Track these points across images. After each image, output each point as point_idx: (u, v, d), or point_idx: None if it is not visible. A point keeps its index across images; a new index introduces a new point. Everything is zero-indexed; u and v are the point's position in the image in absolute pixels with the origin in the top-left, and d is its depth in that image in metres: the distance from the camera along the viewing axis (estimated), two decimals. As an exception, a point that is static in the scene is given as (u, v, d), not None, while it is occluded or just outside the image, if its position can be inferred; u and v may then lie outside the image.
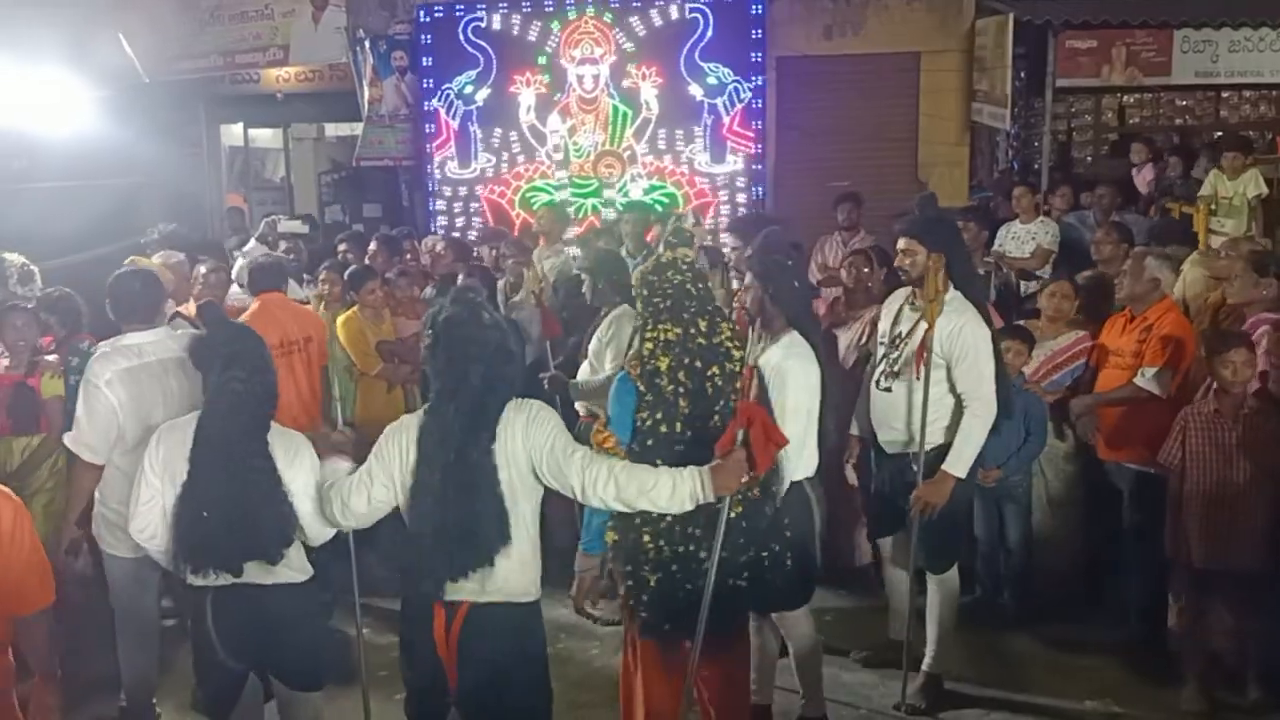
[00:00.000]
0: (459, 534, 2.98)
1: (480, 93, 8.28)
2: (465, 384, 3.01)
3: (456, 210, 8.58)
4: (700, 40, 7.83)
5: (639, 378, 3.40)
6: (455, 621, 3.06)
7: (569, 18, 8.04)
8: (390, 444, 3.12)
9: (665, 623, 3.43)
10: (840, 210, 7.59)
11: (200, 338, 3.71)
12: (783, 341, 3.96)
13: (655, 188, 8.04)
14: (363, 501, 3.14)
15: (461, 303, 3.13)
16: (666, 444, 3.34)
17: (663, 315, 3.42)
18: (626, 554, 3.40)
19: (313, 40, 9.71)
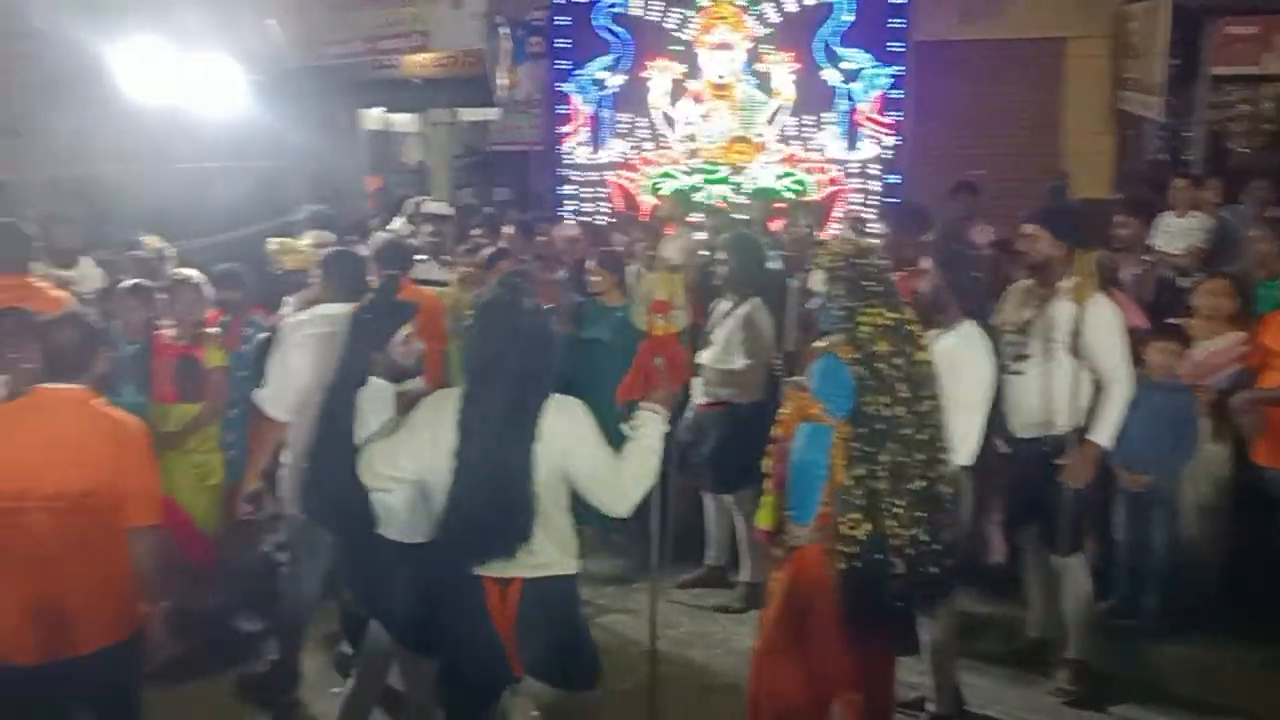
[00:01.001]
0: (495, 520, 3.10)
1: (614, 78, 8.33)
2: (500, 367, 3.12)
3: (585, 195, 8.66)
4: (838, 25, 7.70)
5: (857, 362, 3.39)
6: (510, 596, 3.19)
7: (705, 2, 8.01)
8: (426, 419, 3.22)
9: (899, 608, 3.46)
10: (957, 199, 7.42)
11: None
12: (959, 331, 3.98)
13: (786, 174, 7.96)
14: (386, 461, 3.24)
15: (505, 286, 3.26)
16: (894, 428, 3.37)
17: (875, 299, 3.43)
18: (876, 544, 3.37)
19: (452, 26, 9.92)
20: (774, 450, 3.60)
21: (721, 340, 5.34)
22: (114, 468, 3.35)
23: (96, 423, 3.40)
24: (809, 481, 3.39)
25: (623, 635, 5.08)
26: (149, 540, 3.43)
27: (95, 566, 3.37)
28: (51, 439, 3.33)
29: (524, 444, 3.12)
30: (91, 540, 3.36)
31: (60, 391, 3.42)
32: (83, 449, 3.34)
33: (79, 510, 3.31)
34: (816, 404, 3.39)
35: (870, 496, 3.36)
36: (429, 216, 8.34)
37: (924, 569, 3.40)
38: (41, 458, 3.29)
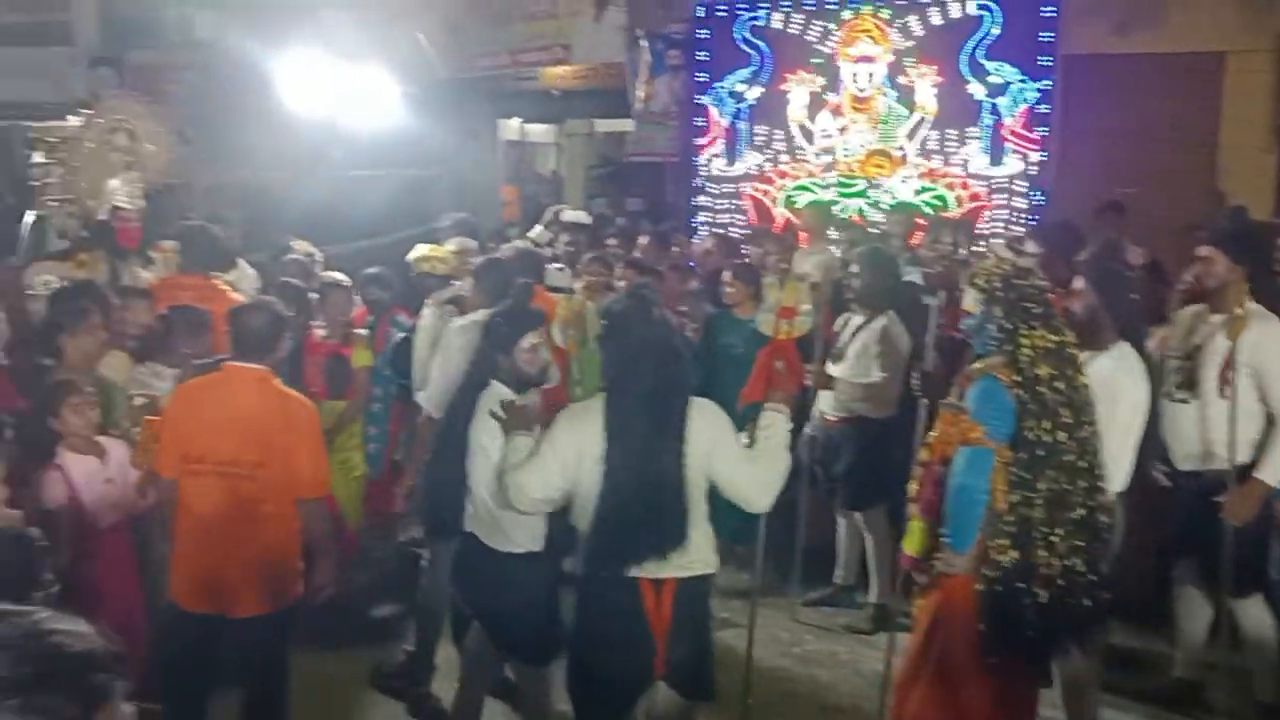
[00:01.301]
0: (650, 521, 3.20)
1: (751, 91, 8.34)
2: (639, 376, 3.24)
3: (720, 207, 8.68)
4: (985, 38, 7.54)
5: (1018, 385, 3.34)
6: (665, 596, 3.26)
7: (849, 15, 7.95)
8: (566, 433, 3.30)
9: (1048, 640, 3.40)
10: (1104, 218, 7.18)
11: None
12: (1113, 353, 3.90)
13: (926, 189, 7.83)
14: (538, 487, 3.30)
15: (634, 298, 3.43)
16: (1056, 454, 3.31)
17: (1036, 321, 3.38)
18: (1021, 572, 3.31)
19: (594, 39, 10.08)
20: (922, 474, 3.55)
21: (854, 354, 5.31)
22: (285, 443, 3.64)
23: (273, 400, 3.70)
24: (969, 507, 3.32)
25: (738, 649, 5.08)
26: (318, 511, 3.74)
27: (259, 536, 3.65)
28: (233, 412, 3.66)
29: (674, 447, 3.23)
30: (258, 510, 3.64)
31: (245, 370, 3.73)
32: (258, 423, 3.64)
33: (250, 480, 3.61)
34: (977, 427, 3.32)
35: (1022, 524, 3.29)
36: (567, 225, 8.52)
37: (1076, 600, 3.31)
38: (222, 428, 3.63)
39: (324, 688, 4.79)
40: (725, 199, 8.65)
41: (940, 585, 3.48)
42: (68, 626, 1.28)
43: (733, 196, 8.60)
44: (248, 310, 3.93)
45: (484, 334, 3.68)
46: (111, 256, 6.04)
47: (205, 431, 3.65)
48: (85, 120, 6.63)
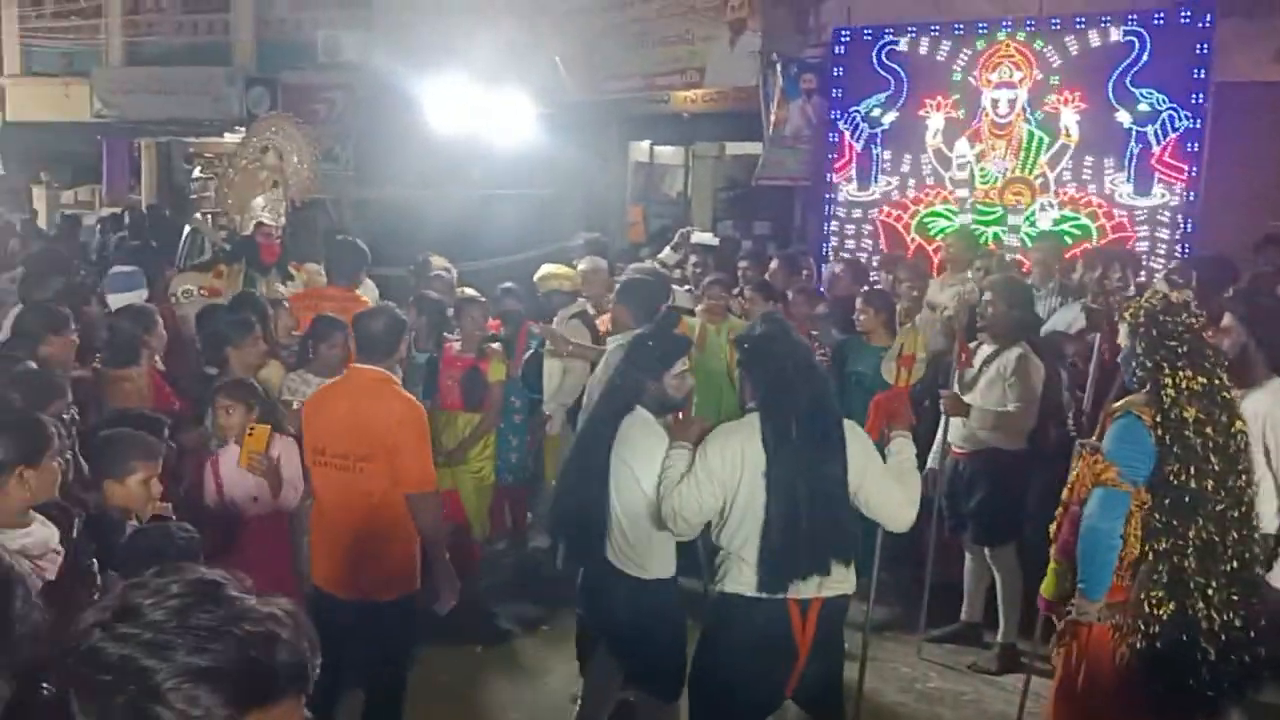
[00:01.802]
0: (819, 538, 3.24)
1: (887, 115, 8.24)
2: (792, 398, 3.29)
3: (849, 232, 8.60)
4: (1134, 64, 7.29)
5: (1160, 426, 3.24)
6: (810, 616, 3.29)
7: (991, 40, 7.80)
8: (721, 453, 3.32)
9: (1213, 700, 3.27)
10: (1263, 255, 6.85)
11: None
12: (1270, 388, 3.73)
13: (1067, 218, 7.60)
14: (695, 509, 3.32)
15: (769, 322, 3.52)
16: (1203, 503, 3.19)
17: (1181, 361, 3.26)
18: (1182, 626, 3.20)
19: (728, 63, 10.11)
20: (1062, 515, 3.46)
21: (985, 384, 5.19)
22: (392, 440, 3.82)
23: (384, 400, 3.91)
24: (1101, 552, 3.21)
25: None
26: (425, 504, 3.87)
27: (371, 526, 3.84)
28: (348, 409, 3.91)
29: (838, 464, 3.30)
30: (369, 501, 3.84)
31: (365, 371, 3.99)
32: (367, 420, 3.86)
33: (358, 472, 3.84)
34: (1111, 468, 3.22)
35: (1175, 573, 3.16)
36: (696, 247, 8.57)
37: (1235, 657, 3.18)
38: (338, 424, 3.91)
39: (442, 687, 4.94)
40: (855, 224, 8.55)
41: (1077, 633, 3.36)
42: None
43: (864, 222, 8.50)
44: (368, 316, 4.18)
45: (631, 358, 3.69)
46: (251, 270, 6.39)
47: (327, 428, 3.96)
48: (242, 139, 7.01)
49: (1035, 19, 7.79)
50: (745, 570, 3.33)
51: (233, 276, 6.25)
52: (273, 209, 6.68)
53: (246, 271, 6.31)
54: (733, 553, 3.37)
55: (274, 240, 6.56)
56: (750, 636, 3.33)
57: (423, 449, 3.91)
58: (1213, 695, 3.23)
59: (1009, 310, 5.23)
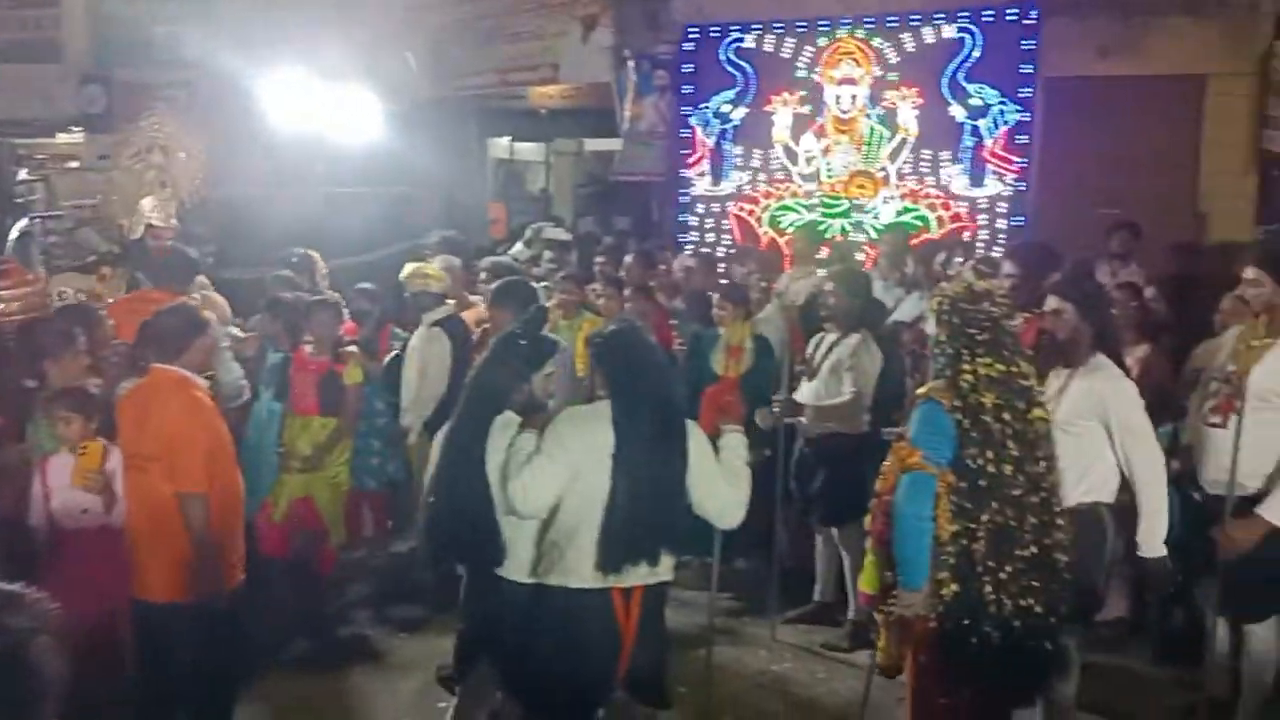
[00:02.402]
0: (659, 527, 3.31)
1: (737, 111, 8.40)
2: (641, 391, 3.34)
3: (705, 226, 8.72)
4: (966, 60, 7.61)
5: (959, 411, 3.31)
6: (633, 604, 3.32)
7: (832, 38, 8.02)
8: (572, 430, 3.35)
9: (1003, 683, 3.33)
10: (1114, 238, 7.26)
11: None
12: (1096, 365, 3.85)
13: (908, 210, 7.88)
14: (544, 484, 3.31)
15: (625, 323, 3.61)
16: (999, 487, 3.26)
17: (980, 348, 3.33)
18: (966, 607, 3.26)
19: (581, 59, 10.12)
20: (876, 505, 3.51)
21: (827, 370, 5.37)
22: (168, 440, 3.82)
23: (170, 400, 3.88)
24: (914, 537, 3.25)
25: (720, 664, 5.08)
26: (191, 505, 3.81)
27: (163, 526, 3.83)
28: (142, 409, 3.92)
29: (679, 457, 3.34)
30: (160, 501, 3.84)
31: (163, 371, 3.97)
32: (156, 420, 3.86)
33: (149, 473, 3.84)
34: (916, 452, 3.29)
35: (963, 556, 3.22)
36: (549, 242, 8.56)
37: (1037, 643, 3.25)
38: (134, 424, 3.93)
39: (299, 699, 4.82)
40: (711, 218, 8.68)
41: (907, 636, 3.40)
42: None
43: (718, 216, 8.63)
44: (160, 314, 4.11)
45: (500, 358, 3.60)
46: (133, 273, 6.03)
47: (126, 429, 4.00)
48: (122, 137, 6.59)
49: (875, 16, 8.05)
50: (574, 561, 3.33)
51: (116, 280, 5.90)
52: (162, 210, 6.34)
53: (133, 275, 5.94)
54: (562, 541, 3.36)
55: (165, 243, 6.20)
56: (577, 628, 3.34)
57: (193, 450, 3.85)
58: (1003, 680, 3.27)
59: (849, 299, 5.41)
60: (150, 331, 4.13)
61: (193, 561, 3.86)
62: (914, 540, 3.25)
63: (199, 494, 3.84)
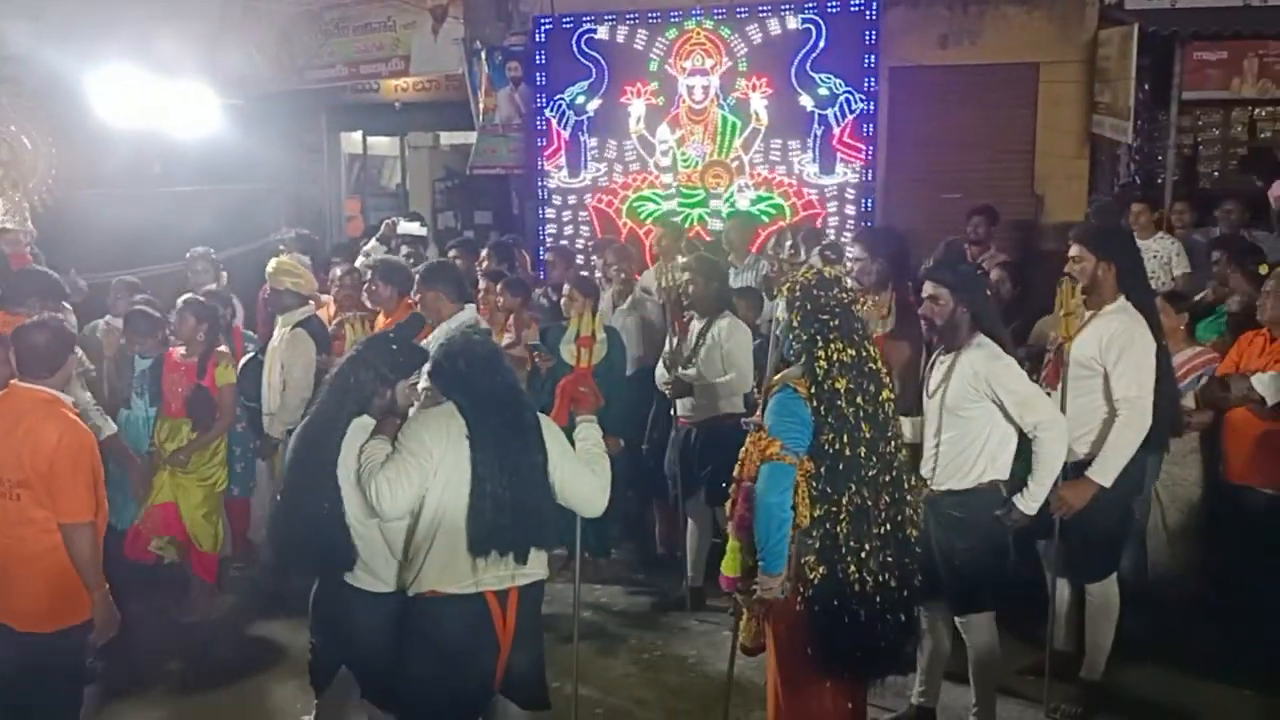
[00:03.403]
0: (524, 525, 3.28)
1: (591, 103, 8.37)
2: (482, 391, 3.32)
3: (565, 219, 8.68)
4: (812, 50, 7.76)
5: (815, 398, 3.35)
6: (510, 608, 3.31)
7: (682, 29, 8.07)
8: (427, 429, 3.30)
9: (870, 661, 3.43)
10: (971, 224, 7.52)
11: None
12: (977, 345, 3.95)
13: (762, 198, 8.01)
14: (406, 483, 3.25)
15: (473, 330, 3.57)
16: (855, 468, 3.32)
17: (832, 334, 3.39)
18: (833, 588, 3.32)
19: (432, 51, 9.95)
20: (735, 492, 3.54)
21: (703, 355, 5.49)
22: (45, 467, 3.61)
23: (42, 422, 3.66)
24: (775, 525, 3.29)
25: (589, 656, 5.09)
26: (77, 536, 3.66)
27: (28, 553, 3.66)
28: (9, 429, 3.67)
29: (537, 453, 3.33)
30: (26, 529, 3.66)
31: (26, 390, 3.75)
32: (27, 443, 3.63)
33: (15, 499, 3.65)
34: (775, 442, 3.32)
35: (828, 539, 3.30)
36: (404, 238, 8.39)
37: (894, 616, 3.36)
38: (2, 446, 3.67)
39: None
40: (570, 210, 8.65)
41: (769, 616, 3.47)
42: None
43: (577, 208, 8.61)
44: (29, 329, 3.88)
45: (367, 360, 3.51)
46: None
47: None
48: None
49: (724, 8, 8.14)
50: (443, 565, 3.28)
51: None
52: (15, 213, 5.69)
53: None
54: (429, 544, 3.30)
55: (23, 248, 5.66)
56: (452, 636, 3.28)
57: (77, 478, 3.66)
58: (868, 654, 3.38)
59: (707, 283, 5.53)
60: (17, 347, 3.85)
61: (70, 589, 3.69)
62: (775, 528, 3.29)
63: (86, 523, 3.67)
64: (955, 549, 3.97)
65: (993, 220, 7.61)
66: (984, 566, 4.01)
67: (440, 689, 3.30)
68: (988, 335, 3.97)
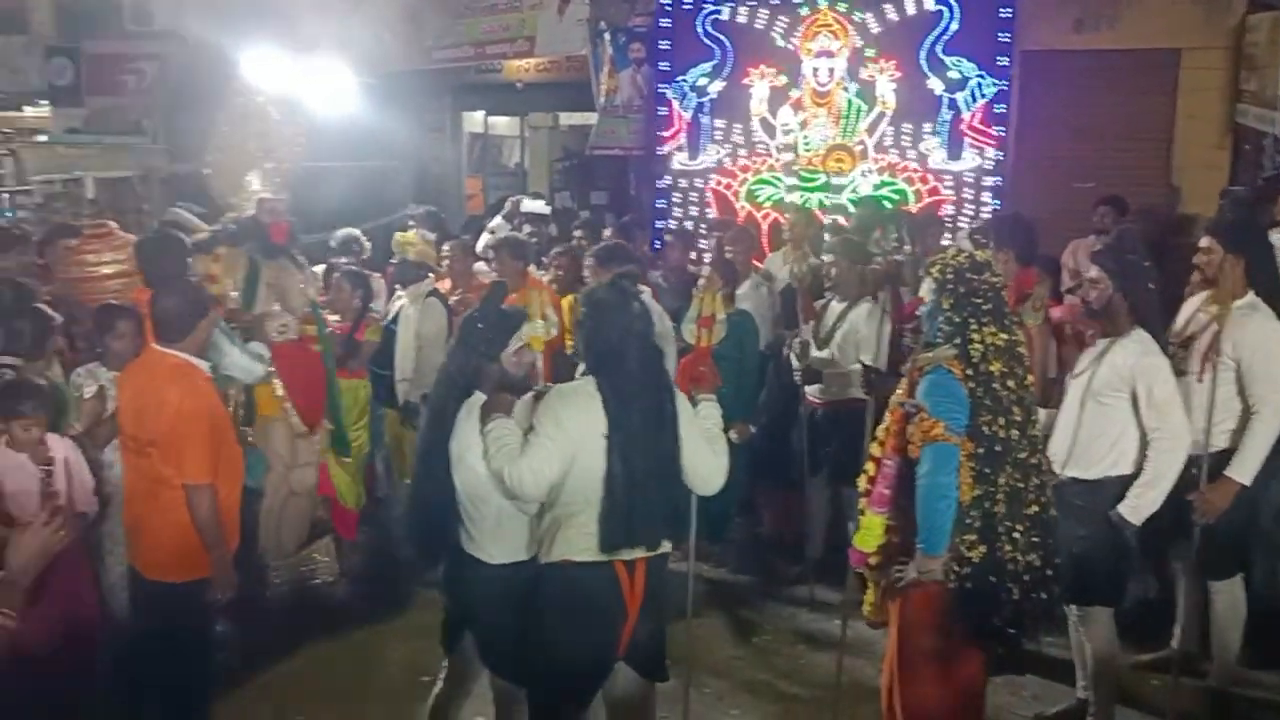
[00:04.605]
0: (658, 509, 3.32)
1: (713, 85, 8.35)
2: (626, 362, 3.32)
3: (682, 200, 8.69)
4: (944, 33, 7.60)
5: (970, 379, 3.37)
6: (638, 577, 3.35)
7: (810, 9, 7.98)
8: (564, 412, 3.32)
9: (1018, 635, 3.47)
10: (1098, 213, 7.32)
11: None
12: (1134, 338, 3.96)
13: (885, 183, 7.89)
14: (546, 470, 3.27)
15: (614, 286, 3.48)
16: (1009, 450, 3.36)
17: (986, 318, 3.41)
18: (990, 568, 3.35)
19: (557, 32, 10.05)
20: (875, 470, 3.55)
21: (840, 339, 5.48)
22: (167, 428, 3.79)
23: (167, 386, 3.83)
24: (941, 507, 3.29)
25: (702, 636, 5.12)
26: (197, 496, 3.81)
27: (159, 509, 3.86)
28: (136, 392, 3.91)
29: (671, 429, 3.35)
30: (156, 486, 3.86)
31: (159, 354, 3.92)
32: (153, 403, 3.83)
33: (146, 456, 3.84)
34: (938, 423, 3.31)
35: (987, 519, 3.33)
36: (528, 216, 8.52)
37: (1037, 594, 3.37)
38: (129, 406, 3.94)
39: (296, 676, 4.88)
40: (684, 193, 8.65)
41: (911, 597, 3.47)
42: None
43: (696, 190, 8.61)
44: (161, 295, 4.02)
45: (462, 340, 3.58)
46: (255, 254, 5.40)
47: (123, 409, 4.01)
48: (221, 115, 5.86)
49: (850, -11, 8.03)
50: (577, 537, 3.33)
51: (232, 260, 5.31)
52: (269, 182, 5.71)
53: (251, 257, 5.34)
54: (564, 518, 3.36)
55: (281, 218, 5.58)
56: (582, 603, 3.34)
57: (197, 441, 3.81)
58: (1015, 630, 3.42)
59: (851, 266, 5.53)
60: (152, 312, 4.01)
61: (192, 545, 3.86)
62: (942, 509, 3.30)
63: (205, 484, 3.83)
64: (1074, 536, 3.93)
65: (1121, 210, 7.37)
66: (1102, 558, 3.98)
67: (568, 656, 3.36)
68: (1144, 328, 3.95)
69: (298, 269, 5.52)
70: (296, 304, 5.37)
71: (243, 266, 5.24)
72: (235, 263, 5.25)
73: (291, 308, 5.32)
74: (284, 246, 5.47)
